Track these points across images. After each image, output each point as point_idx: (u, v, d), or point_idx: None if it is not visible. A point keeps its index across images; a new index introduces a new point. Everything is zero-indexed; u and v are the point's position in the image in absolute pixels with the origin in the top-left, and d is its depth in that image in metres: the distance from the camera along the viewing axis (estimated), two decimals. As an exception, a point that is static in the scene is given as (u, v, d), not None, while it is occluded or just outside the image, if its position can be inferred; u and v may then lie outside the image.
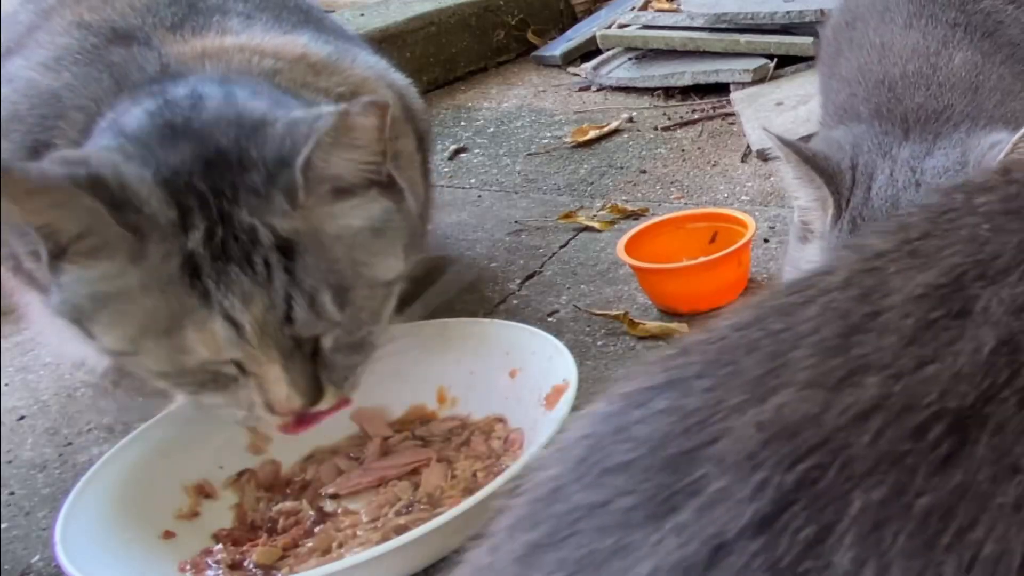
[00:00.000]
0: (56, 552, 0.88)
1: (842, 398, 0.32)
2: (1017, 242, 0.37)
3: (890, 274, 0.37)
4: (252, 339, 0.87)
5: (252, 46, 1.07)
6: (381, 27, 2.18)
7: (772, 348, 0.36)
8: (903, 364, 0.33)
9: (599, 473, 0.34)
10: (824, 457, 0.31)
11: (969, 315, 0.34)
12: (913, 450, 0.31)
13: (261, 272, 0.87)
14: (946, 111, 1.00)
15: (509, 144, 1.97)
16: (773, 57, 2.07)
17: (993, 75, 1.04)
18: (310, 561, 0.91)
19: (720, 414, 0.34)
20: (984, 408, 0.31)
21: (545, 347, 1.07)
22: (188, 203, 0.86)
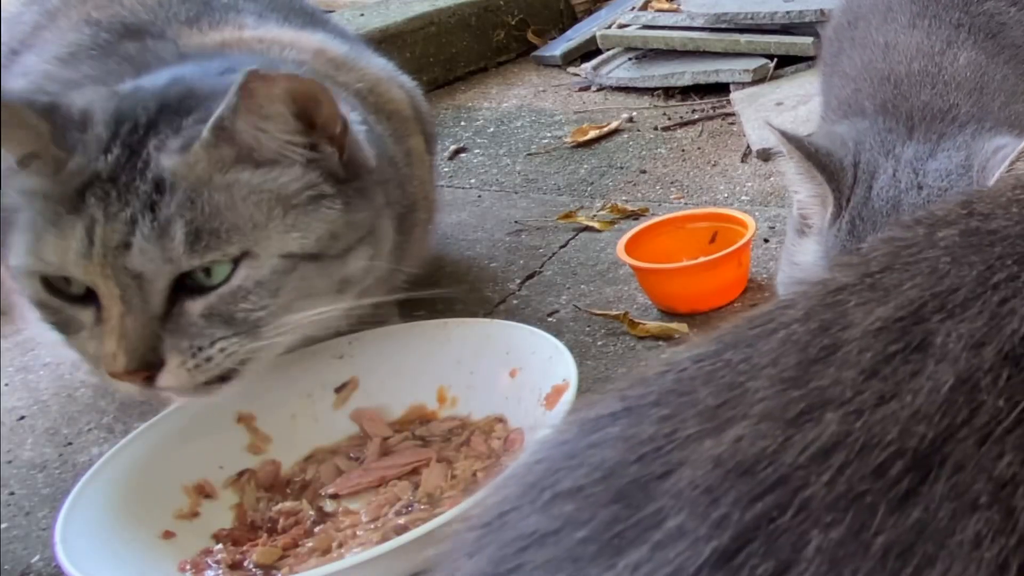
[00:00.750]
0: (56, 552, 0.88)
1: (802, 434, 0.32)
2: (976, 276, 0.37)
3: (850, 307, 0.37)
4: (96, 257, 0.85)
5: (270, 38, 1.07)
6: (381, 27, 2.18)
7: (729, 379, 0.35)
8: (863, 400, 0.33)
9: (550, 499, 0.34)
10: (783, 495, 0.31)
11: (928, 350, 0.34)
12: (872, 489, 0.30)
13: (132, 197, 0.87)
14: (951, 111, 0.99)
15: (509, 144, 1.97)
16: (773, 57, 2.07)
17: (997, 76, 1.04)
18: (310, 561, 0.91)
19: (675, 444, 0.33)
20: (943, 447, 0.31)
21: (545, 347, 1.07)
22: (120, 131, 0.89)
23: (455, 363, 1.10)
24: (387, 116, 1.15)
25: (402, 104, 1.20)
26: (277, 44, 1.07)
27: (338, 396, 1.09)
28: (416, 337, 1.12)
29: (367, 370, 1.10)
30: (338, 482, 1.01)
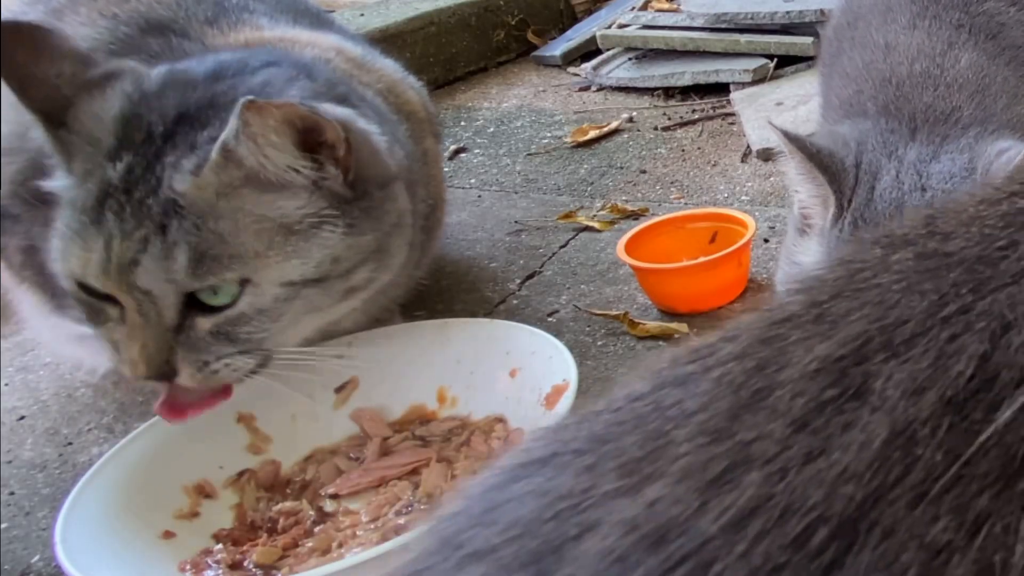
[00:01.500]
0: (56, 552, 0.88)
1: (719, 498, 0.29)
2: (926, 306, 0.33)
3: (790, 343, 0.34)
4: (113, 272, 0.89)
5: (290, 37, 1.08)
6: (381, 27, 2.18)
7: (656, 426, 0.33)
8: (788, 457, 0.30)
9: (461, 558, 0.32)
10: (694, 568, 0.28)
11: (865, 396, 0.31)
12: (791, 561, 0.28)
13: (145, 217, 0.89)
14: (954, 113, 0.99)
15: (509, 144, 1.97)
16: (773, 57, 2.07)
17: (998, 78, 1.04)
18: (310, 561, 0.91)
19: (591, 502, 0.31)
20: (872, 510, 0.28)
21: (545, 347, 1.07)
22: (132, 139, 0.90)
23: (455, 363, 1.10)
24: (406, 117, 1.16)
25: (417, 105, 1.21)
26: (299, 43, 1.07)
27: (338, 396, 1.09)
28: (416, 337, 1.12)
29: (367, 370, 1.10)
30: (338, 482, 1.01)
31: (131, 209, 0.90)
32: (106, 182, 0.90)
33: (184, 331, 0.91)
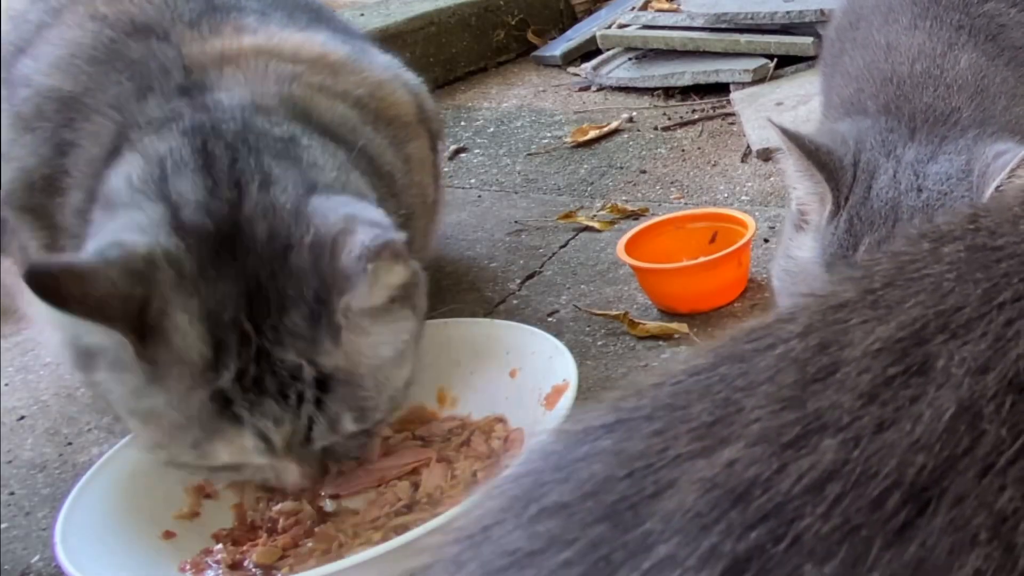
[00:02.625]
0: (56, 552, 0.88)
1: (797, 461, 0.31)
2: (981, 294, 0.35)
3: (851, 325, 0.36)
4: (280, 451, 0.90)
5: (270, 48, 1.06)
6: (381, 27, 2.18)
7: (724, 395, 0.34)
8: (861, 426, 0.31)
9: (535, 514, 0.32)
10: (776, 526, 0.29)
11: (929, 374, 0.33)
12: (868, 522, 0.29)
13: (292, 403, 0.89)
14: (953, 114, 0.99)
15: (509, 144, 1.97)
16: (773, 57, 2.07)
17: (998, 79, 1.04)
18: (310, 561, 0.91)
19: (666, 462, 0.32)
20: (943, 479, 0.30)
21: (545, 347, 1.07)
22: (227, 341, 0.86)
23: (455, 363, 1.10)
24: (387, 122, 1.14)
25: (404, 107, 1.19)
26: (275, 57, 1.06)
27: (338, 396, 1.09)
28: (416, 337, 1.12)
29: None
30: (338, 482, 1.01)
31: (277, 403, 0.88)
32: (220, 390, 0.86)
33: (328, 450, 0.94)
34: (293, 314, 0.88)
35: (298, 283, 0.88)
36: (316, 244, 0.88)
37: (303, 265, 0.88)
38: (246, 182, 0.91)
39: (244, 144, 0.94)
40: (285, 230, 0.89)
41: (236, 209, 0.89)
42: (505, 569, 0.32)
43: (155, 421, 0.88)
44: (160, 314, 0.84)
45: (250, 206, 0.89)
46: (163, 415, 0.87)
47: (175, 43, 1.03)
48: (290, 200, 0.90)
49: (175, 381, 0.85)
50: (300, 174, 0.94)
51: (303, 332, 0.88)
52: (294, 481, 0.94)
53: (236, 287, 0.87)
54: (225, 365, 0.86)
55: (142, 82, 1.00)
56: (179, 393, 0.86)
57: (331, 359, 0.89)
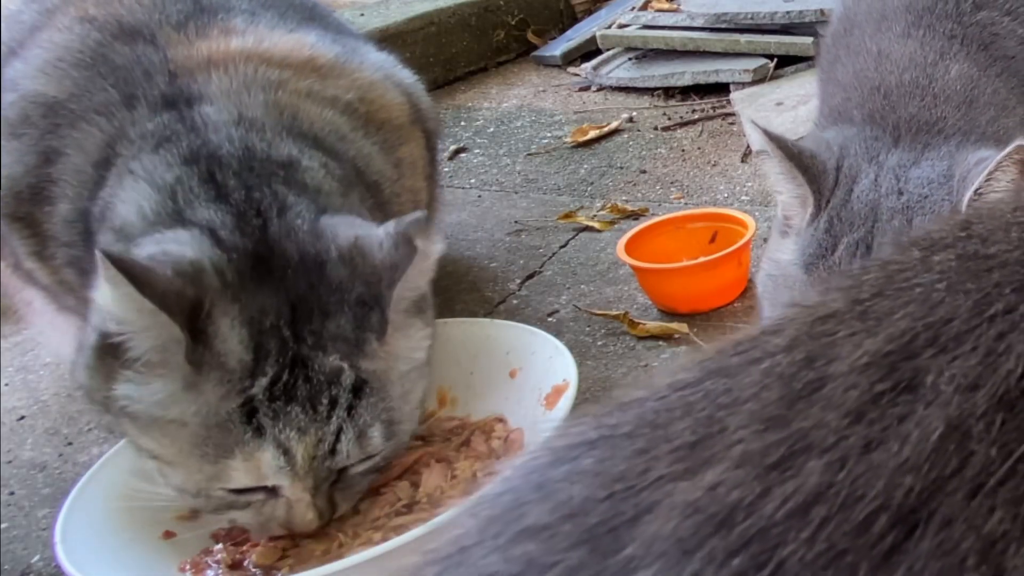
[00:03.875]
0: (56, 552, 0.88)
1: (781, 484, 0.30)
2: (972, 305, 0.34)
3: (838, 338, 0.35)
4: (300, 469, 0.88)
5: (258, 52, 1.05)
6: (381, 27, 2.18)
7: (708, 412, 0.33)
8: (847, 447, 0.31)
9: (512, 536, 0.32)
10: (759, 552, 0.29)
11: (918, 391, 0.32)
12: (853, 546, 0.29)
13: (322, 411, 0.88)
14: (939, 123, 0.99)
15: (509, 144, 1.97)
16: (773, 57, 2.07)
17: (988, 89, 1.04)
18: (310, 561, 0.91)
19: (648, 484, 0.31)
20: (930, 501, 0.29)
21: (545, 347, 1.07)
22: (267, 347, 0.86)
23: (455, 363, 1.10)
24: (378, 127, 1.13)
25: (396, 110, 1.18)
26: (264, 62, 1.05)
27: (338, 396, 1.09)
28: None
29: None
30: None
31: (304, 410, 0.87)
32: (250, 398, 0.86)
33: (341, 479, 0.93)
34: (338, 319, 0.89)
35: (340, 292, 0.89)
36: (345, 256, 0.90)
37: (342, 276, 0.89)
38: (266, 210, 0.92)
39: (252, 173, 0.94)
40: (313, 249, 0.90)
41: (264, 233, 0.90)
42: None
43: (176, 434, 0.86)
44: (208, 318, 0.84)
45: (275, 230, 0.91)
46: (186, 426, 0.85)
47: (161, 46, 1.03)
48: (307, 223, 0.92)
49: (212, 386, 0.85)
50: (309, 199, 0.95)
51: (348, 335, 0.89)
52: (305, 519, 0.91)
53: (276, 298, 0.88)
54: (263, 371, 0.86)
55: (128, 88, 1.00)
56: (212, 400, 0.85)
57: (371, 362, 0.90)
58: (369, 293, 0.90)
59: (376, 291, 0.89)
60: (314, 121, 1.04)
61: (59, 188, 1.00)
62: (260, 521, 0.92)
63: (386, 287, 0.89)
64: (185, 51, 1.03)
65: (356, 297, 0.89)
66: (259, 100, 1.01)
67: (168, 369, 0.84)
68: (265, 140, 0.98)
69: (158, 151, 0.96)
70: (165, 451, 0.88)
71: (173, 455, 0.87)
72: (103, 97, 1.00)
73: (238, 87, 1.01)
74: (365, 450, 0.91)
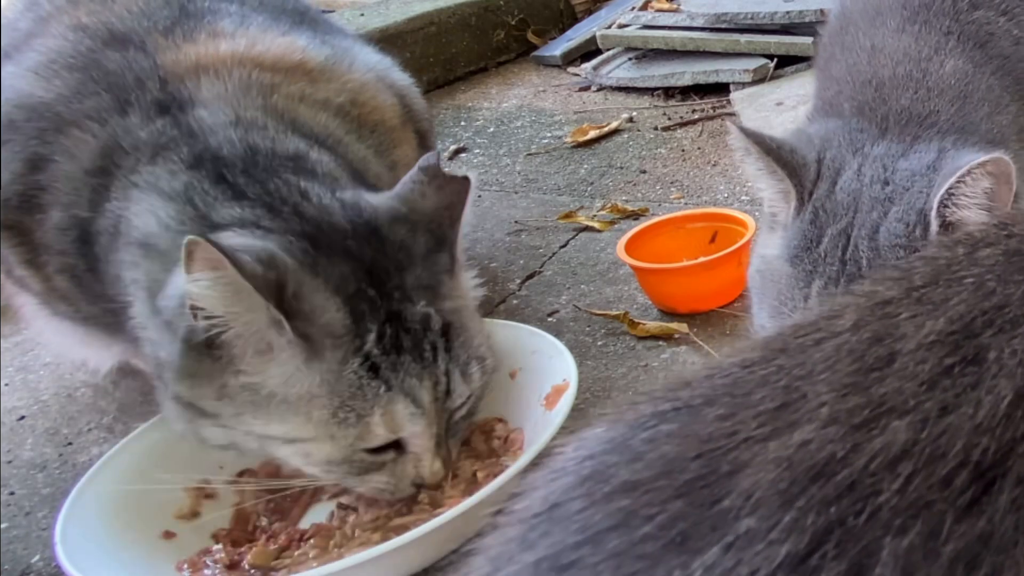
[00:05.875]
0: (56, 552, 0.88)
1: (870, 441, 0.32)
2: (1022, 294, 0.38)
3: (901, 320, 0.38)
4: (428, 413, 0.92)
5: (249, 56, 1.05)
6: (381, 27, 2.18)
7: (785, 383, 0.36)
8: (927, 410, 0.33)
9: (607, 492, 0.33)
10: (855, 501, 0.31)
11: (983, 364, 0.35)
12: (940, 498, 0.31)
13: (428, 356, 0.92)
14: (931, 116, 0.98)
15: (509, 144, 1.97)
16: (773, 57, 2.07)
17: (982, 85, 1.03)
18: (307, 562, 0.91)
19: (737, 443, 0.33)
20: (1005, 460, 0.32)
21: (545, 347, 1.07)
22: (361, 308, 0.89)
23: (455, 363, 1.10)
24: (371, 129, 1.14)
25: (387, 112, 1.18)
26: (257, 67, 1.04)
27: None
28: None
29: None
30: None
31: (414, 359, 0.91)
32: (367, 354, 0.89)
33: (450, 427, 0.96)
34: (413, 271, 0.93)
35: (405, 247, 0.93)
36: (395, 214, 0.94)
37: (401, 233, 0.94)
38: (289, 196, 0.94)
39: (259, 168, 0.95)
40: (360, 218, 0.94)
41: (301, 216, 0.92)
42: (582, 545, 0.32)
43: (309, 409, 0.88)
44: (296, 297, 0.86)
45: (311, 211, 0.93)
46: (317, 398, 0.88)
47: (151, 52, 1.02)
48: (334, 201, 0.94)
49: (330, 352, 0.87)
50: (325, 184, 0.97)
51: (426, 282, 0.93)
52: (434, 469, 0.94)
53: (350, 266, 0.90)
54: (368, 329, 0.89)
55: (120, 94, 1.00)
56: (334, 366, 0.87)
57: (450, 302, 0.95)
58: (434, 237, 0.95)
59: (441, 233, 0.95)
60: (310, 125, 1.04)
61: (50, 195, 0.99)
62: (395, 482, 0.94)
63: (449, 226, 0.95)
64: (173, 56, 1.03)
65: (423, 245, 0.94)
66: (254, 104, 1.01)
67: (279, 351, 0.86)
68: (268, 138, 0.99)
69: (156, 160, 0.96)
70: (302, 430, 0.89)
71: (312, 431, 0.89)
72: (95, 102, 0.99)
73: (231, 91, 1.01)
74: (471, 386, 0.96)
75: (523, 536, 0.34)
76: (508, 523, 0.36)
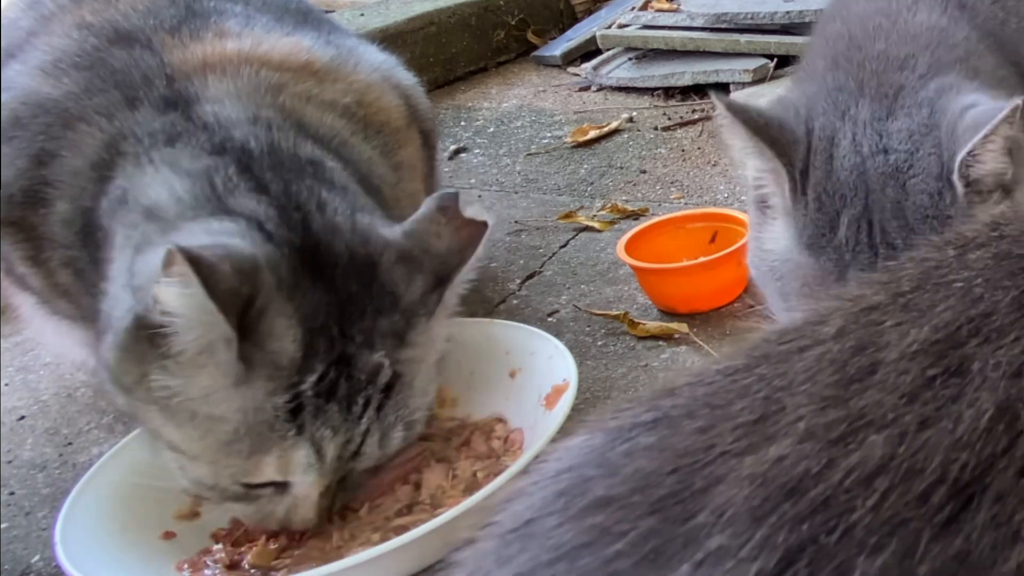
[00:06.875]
0: (56, 552, 0.88)
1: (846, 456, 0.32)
2: (1011, 300, 0.37)
3: (885, 327, 0.37)
4: (327, 468, 0.88)
5: (256, 56, 1.05)
6: (381, 27, 2.18)
7: (765, 394, 0.35)
8: (905, 423, 0.33)
9: (582, 508, 0.33)
10: (828, 519, 0.30)
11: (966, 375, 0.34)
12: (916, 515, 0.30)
13: (356, 411, 0.88)
14: (907, 61, 0.93)
15: (509, 144, 1.97)
16: (773, 57, 2.07)
17: (959, 35, 0.99)
18: (308, 561, 0.91)
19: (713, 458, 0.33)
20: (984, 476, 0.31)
21: (545, 347, 1.07)
22: (318, 345, 0.86)
23: (455, 363, 1.10)
24: (376, 130, 1.13)
25: (393, 112, 1.18)
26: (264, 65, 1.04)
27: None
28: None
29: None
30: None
31: (340, 409, 0.88)
32: (298, 394, 0.85)
33: (347, 479, 0.93)
34: (390, 316, 0.89)
35: (393, 291, 0.90)
36: (402, 252, 0.90)
37: (397, 273, 0.90)
38: (304, 204, 0.91)
39: (284, 167, 0.94)
40: (363, 249, 0.90)
41: (307, 229, 0.90)
42: (555, 562, 0.32)
43: (211, 429, 0.85)
44: (259, 315, 0.83)
45: (318, 226, 0.90)
46: (225, 421, 0.85)
47: (157, 50, 1.02)
48: (348, 221, 0.92)
49: (262, 382, 0.84)
50: (344, 198, 0.95)
51: (399, 327, 0.90)
52: (306, 517, 0.91)
53: (327, 296, 0.87)
54: (312, 368, 0.86)
55: (127, 92, 0.99)
56: (260, 396, 0.84)
57: (411, 351, 0.91)
58: (436, 279, 0.91)
59: (445, 275, 0.91)
60: (318, 126, 1.04)
61: (55, 189, 0.99)
62: (259, 517, 0.91)
63: (455, 269, 0.91)
64: (180, 55, 1.03)
65: (419, 287, 0.90)
66: (264, 102, 1.01)
67: (214, 365, 0.84)
68: (288, 139, 0.97)
69: (175, 144, 0.95)
70: (192, 445, 0.87)
71: (201, 449, 0.86)
72: (103, 98, 0.99)
73: (238, 90, 1.01)
74: (385, 452, 0.91)
75: (498, 552, 0.34)
76: (485, 537, 0.35)
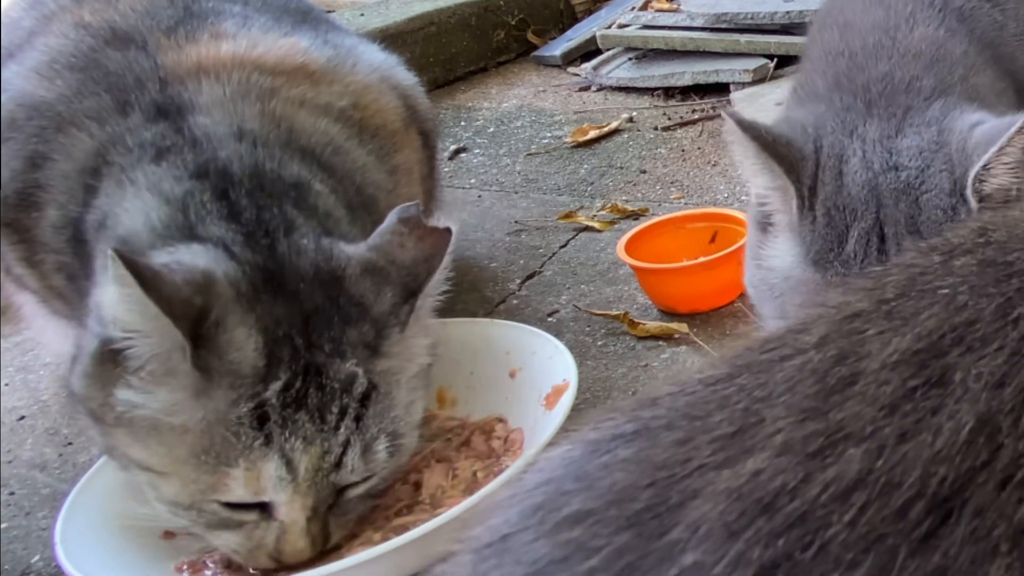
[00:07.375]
0: (56, 552, 0.88)
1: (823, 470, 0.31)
2: (995, 308, 0.36)
3: (867, 336, 0.36)
4: (302, 483, 0.86)
5: (251, 59, 1.05)
6: (381, 27, 2.18)
7: (744, 405, 0.35)
8: (884, 436, 0.32)
9: (557, 522, 0.33)
10: (803, 534, 0.30)
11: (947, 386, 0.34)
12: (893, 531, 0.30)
13: (330, 420, 0.86)
14: (911, 82, 0.94)
15: (509, 144, 1.97)
16: (773, 57, 2.07)
17: (957, 50, 1.00)
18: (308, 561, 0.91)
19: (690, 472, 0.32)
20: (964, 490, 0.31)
21: (545, 347, 1.07)
22: (281, 355, 0.85)
23: (455, 363, 1.10)
24: (372, 133, 1.12)
25: (390, 114, 1.17)
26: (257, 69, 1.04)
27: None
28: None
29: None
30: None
31: (312, 419, 0.85)
32: (262, 402, 0.84)
33: (338, 505, 0.90)
34: (359, 327, 0.88)
35: (362, 302, 0.88)
36: (367, 266, 0.89)
37: (363, 286, 0.89)
38: (274, 230, 0.91)
39: (263, 193, 0.93)
40: (327, 264, 0.89)
41: (272, 251, 0.89)
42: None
43: (175, 442, 0.84)
44: (216, 326, 0.83)
45: (282, 249, 0.90)
46: (189, 433, 0.83)
47: (151, 52, 1.02)
48: (312, 242, 0.91)
49: (223, 392, 0.83)
50: (317, 223, 0.94)
51: (370, 338, 0.88)
52: (297, 547, 0.88)
53: (289, 309, 0.87)
54: (276, 376, 0.84)
55: (121, 95, 0.99)
56: (222, 406, 0.83)
57: (386, 362, 0.89)
58: (405, 290, 0.89)
59: (415, 285, 0.89)
60: (310, 134, 1.03)
61: (47, 194, 0.99)
62: (249, 547, 0.88)
63: (424, 279, 0.89)
64: (175, 57, 1.02)
65: (388, 299, 0.89)
66: (254, 111, 1.00)
67: (174, 376, 0.83)
68: (274, 159, 0.97)
69: (160, 163, 0.94)
70: (159, 460, 0.85)
71: (168, 464, 0.85)
72: (95, 102, 0.99)
73: (230, 96, 1.00)
74: (370, 466, 0.89)
75: (474, 567, 0.34)
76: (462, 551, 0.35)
